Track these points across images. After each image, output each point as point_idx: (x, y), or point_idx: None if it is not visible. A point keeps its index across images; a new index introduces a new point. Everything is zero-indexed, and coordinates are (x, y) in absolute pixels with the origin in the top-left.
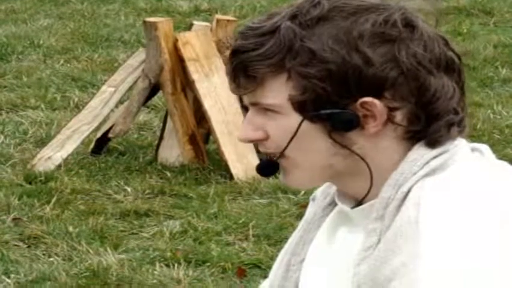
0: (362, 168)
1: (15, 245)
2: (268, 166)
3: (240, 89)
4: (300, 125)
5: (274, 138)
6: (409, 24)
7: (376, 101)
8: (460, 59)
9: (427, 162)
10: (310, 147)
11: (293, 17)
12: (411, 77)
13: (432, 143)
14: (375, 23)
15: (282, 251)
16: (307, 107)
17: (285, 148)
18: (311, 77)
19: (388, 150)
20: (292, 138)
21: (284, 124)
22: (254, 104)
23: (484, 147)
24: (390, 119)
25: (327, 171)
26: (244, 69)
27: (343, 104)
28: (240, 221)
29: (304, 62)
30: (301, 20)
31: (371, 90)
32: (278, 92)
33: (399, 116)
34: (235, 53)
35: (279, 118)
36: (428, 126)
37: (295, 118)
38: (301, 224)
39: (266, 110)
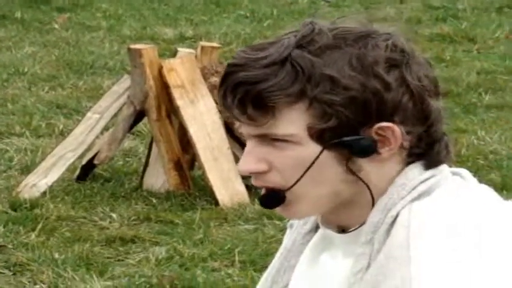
0: (363, 196)
1: (1, 273)
2: (275, 198)
3: (250, 121)
4: (319, 154)
5: (282, 170)
6: (410, 49)
7: (395, 126)
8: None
9: (415, 187)
10: (322, 177)
11: (300, 46)
12: (418, 100)
13: (436, 164)
14: (386, 48)
15: (262, 279)
16: (326, 135)
17: (299, 179)
18: (336, 104)
19: (390, 174)
20: (308, 168)
21: (298, 154)
22: (259, 136)
23: (464, 171)
24: (401, 143)
25: (332, 199)
26: (257, 100)
27: (360, 130)
28: (226, 247)
29: (327, 89)
30: (310, 49)
31: (386, 115)
32: (295, 121)
33: (407, 139)
34: (241, 84)
35: (292, 148)
36: (431, 148)
37: (311, 148)
38: (281, 252)
39: (273, 140)
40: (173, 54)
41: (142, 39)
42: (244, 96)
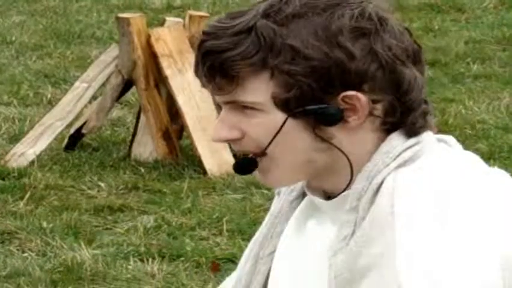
0: (339, 163)
1: None
2: (247, 164)
3: (218, 90)
4: (284, 122)
5: (253, 137)
6: (381, 17)
7: (360, 95)
8: (421, 49)
9: (399, 154)
10: (293, 144)
11: (266, 15)
12: (388, 69)
13: (413, 133)
14: (352, 17)
15: (250, 245)
16: (291, 104)
17: (267, 146)
18: (296, 74)
19: (365, 142)
20: (275, 135)
21: (266, 122)
22: (229, 103)
23: (449, 138)
24: (370, 112)
25: (308, 167)
26: (222, 69)
27: (326, 98)
28: (214, 216)
29: (288, 59)
30: (275, 18)
31: (352, 84)
32: (260, 90)
33: (378, 108)
34: (209, 53)
35: (260, 116)
36: (406, 117)
37: (278, 116)
38: (268, 218)
39: (244, 108)
40: (161, 23)
41: (130, 8)
42: (212, 65)
